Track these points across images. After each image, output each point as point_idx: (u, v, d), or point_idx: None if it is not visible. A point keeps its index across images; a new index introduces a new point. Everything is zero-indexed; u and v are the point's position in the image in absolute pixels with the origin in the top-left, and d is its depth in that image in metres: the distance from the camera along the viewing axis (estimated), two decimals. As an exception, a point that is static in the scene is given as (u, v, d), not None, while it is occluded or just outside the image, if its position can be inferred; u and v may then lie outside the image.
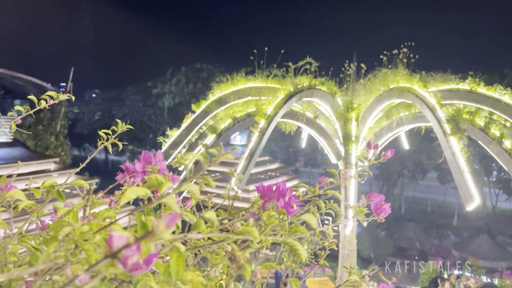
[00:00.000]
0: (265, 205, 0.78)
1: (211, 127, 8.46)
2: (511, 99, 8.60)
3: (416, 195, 33.08)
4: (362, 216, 0.83)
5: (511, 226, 28.81)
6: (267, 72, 9.40)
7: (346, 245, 10.68)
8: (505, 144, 8.05)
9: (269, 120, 7.51)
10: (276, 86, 8.98)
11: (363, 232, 22.90)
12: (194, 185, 0.56)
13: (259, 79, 9.46)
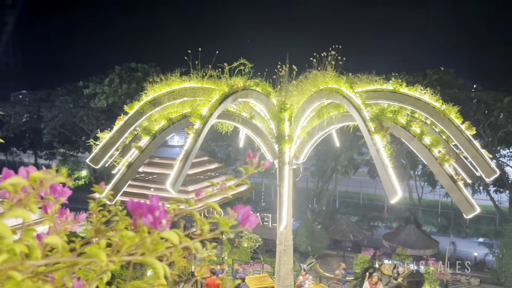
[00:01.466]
0: (136, 221, 0.77)
1: (145, 129, 8.31)
2: (430, 98, 9.33)
3: (349, 189, 34.67)
4: (227, 227, 0.88)
5: (435, 216, 31.20)
6: (202, 72, 9.41)
7: (283, 241, 10.95)
8: (425, 140, 8.72)
9: (204, 121, 7.53)
10: (211, 86, 9.01)
11: (301, 227, 23.62)
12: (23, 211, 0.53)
13: (194, 79, 9.43)
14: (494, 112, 22.52)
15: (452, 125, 8.93)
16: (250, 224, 0.90)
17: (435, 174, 8.28)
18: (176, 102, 8.92)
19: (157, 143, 8.25)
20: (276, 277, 11.14)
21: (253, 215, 0.91)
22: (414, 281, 15.59)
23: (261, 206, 31.39)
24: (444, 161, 8.09)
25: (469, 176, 9.77)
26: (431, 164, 8.25)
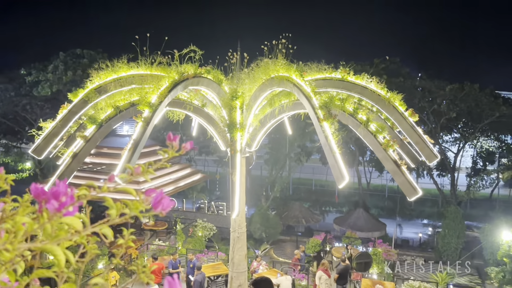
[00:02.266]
0: (41, 207, 0.74)
1: (91, 118, 8.01)
2: (376, 86, 9.67)
3: (302, 176, 35.41)
4: (136, 212, 0.87)
5: (382, 200, 32.59)
6: (151, 59, 9.16)
7: (237, 228, 11.03)
8: (370, 127, 9.05)
9: (153, 109, 7.37)
10: (160, 74, 8.81)
11: (255, 214, 23.87)
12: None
13: (143, 66, 9.18)
14: (437, 99, 23.69)
15: (396, 112, 9.32)
16: (163, 208, 0.89)
17: (380, 159, 8.62)
18: (124, 90, 8.66)
19: (103, 132, 7.98)
20: (230, 264, 11.23)
21: (167, 198, 0.89)
22: (363, 262, 16.27)
23: (216, 195, 31.38)
24: (388, 147, 8.43)
25: (413, 160, 10.25)
26: (377, 149, 8.58)
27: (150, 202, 0.86)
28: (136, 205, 0.83)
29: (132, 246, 0.79)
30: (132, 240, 0.88)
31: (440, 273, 16.81)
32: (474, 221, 27.09)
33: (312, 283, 15.08)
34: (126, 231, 0.83)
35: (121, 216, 0.81)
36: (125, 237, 0.83)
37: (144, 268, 0.82)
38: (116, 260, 0.81)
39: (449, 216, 22.64)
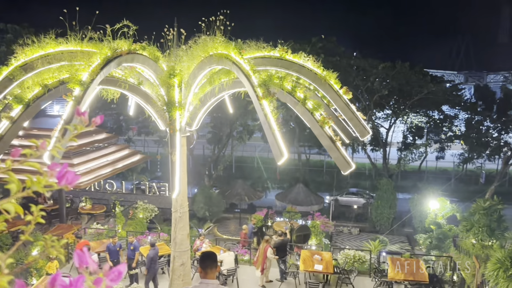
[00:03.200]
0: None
1: (17, 97, 7.48)
2: (313, 65, 9.88)
3: (244, 154, 35.74)
4: (39, 186, 0.85)
5: (321, 175, 33.85)
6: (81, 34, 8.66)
7: (179, 208, 10.97)
8: (308, 104, 9.27)
9: (85, 87, 7.01)
10: (91, 50, 8.36)
11: (198, 193, 23.86)
12: None
13: (72, 42, 8.66)
14: (371, 78, 24.77)
15: (332, 90, 9.63)
16: (68, 182, 0.87)
17: (316, 135, 8.90)
18: (52, 67, 8.13)
19: (31, 112, 7.50)
20: (172, 243, 11.18)
21: (72, 172, 0.87)
22: (302, 235, 16.93)
23: (157, 175, 30.84)
24: (324, 124, 8.72)
25: (347, 136, 10.69)
26: (313, 126, 8.85)
27: (55, 176, 0.84)
28: (40, 180, 0.81)
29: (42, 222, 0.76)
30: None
31: (373, 242, 17.92)
32: (405, 192, 29.03)
33: (253, 257, 15.47)
34: (35, 207, 0.81)
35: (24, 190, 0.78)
36: (34, 214, 0.80)
37: (53, 243, 0.81)
38: (25, 236, 0.79)
39: (381, 188, 24.07)
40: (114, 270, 0.77)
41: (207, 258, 4.47)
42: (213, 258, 4.51)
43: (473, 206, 14.67)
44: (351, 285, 13.32)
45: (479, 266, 12.75)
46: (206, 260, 4.45)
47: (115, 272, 0.77)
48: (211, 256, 4.53)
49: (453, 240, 16.13)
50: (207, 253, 4.57)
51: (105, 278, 0.73)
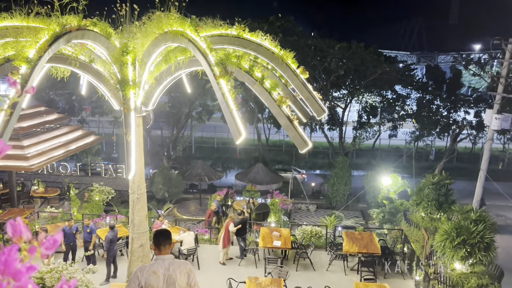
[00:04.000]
0: None
1: (-45, 75, 6.99)
2: (270, 44, 9.88)
3: (204, 135, 35.53)
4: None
5: (280, 154, 34.29)
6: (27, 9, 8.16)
7: (136, 190, 10.81)
8: (265, 84, 9.29)
9: (32, 65, 6.66)
10: (39, 26, 7.92)
11: (157, 174, 23.55)
12: None
13: (18, 17, 8.16)
14: (327, 58, 25.11)
15: (289, 69, 9.71)
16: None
17: (274, 115, 8.98)
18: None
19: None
20: (130, 225, 11.05)
21: (1, 141, 0.85)
22: (261, 213, 17.22)
23: (113, 157, 30.07)
24: (282, 103, 8.80)
25: (304, 116, 10.84)
26: (271, 105, 8.90)
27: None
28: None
29: None
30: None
31: (329, 217, 18.52)
32: (359, 170, 30.04)
33: (214, 236, 15.59)
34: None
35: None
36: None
37: None
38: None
39: (338, 166, 24.77)
40: (49, 238, 0.75)
41: (160, 236, 4.54)
42: (166, 235, 4.57)
43: (423, 182, 15.45)
44: (308, 259, 13.77)
45: (428, 238, 13.53)
46: (160, 237, 4.52)
47: (50, 240, 0.76)
48: (164, 233, 4.59)
49: (404, 214, 16.95)
50: (160, 231, 4.63)
51: (39, 247, 0.72)
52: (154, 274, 4.35)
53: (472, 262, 11.49)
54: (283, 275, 11.80)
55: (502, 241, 20.82)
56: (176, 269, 4.42)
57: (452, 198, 15.04)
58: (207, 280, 11.59)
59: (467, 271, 11.61)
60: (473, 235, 11.28)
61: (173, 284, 4.37)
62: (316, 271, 13.51)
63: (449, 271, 11.82)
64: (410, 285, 12.91)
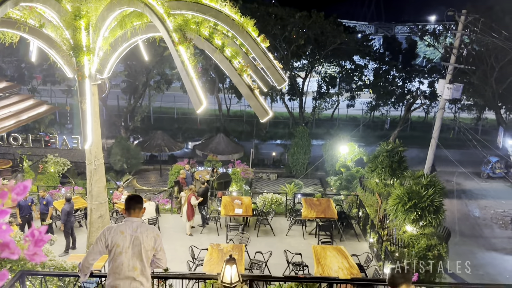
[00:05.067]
0: None
1: None
2: (230, 10, 9.69)
3: (163, 105, 34.80)
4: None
5: (241, 125, 34.31)
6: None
7: (93, 161, 10.57)
8: (226, 52, 9.18)
9: (-25, 28, 6.22)
10: (-20, -15, 7.34)
11: (115, 146, 23.02)
12: None
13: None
14: (288, 27, 25.00)
15: (250, 37, 9.61)
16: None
17: (235, 84, 8.94)
18: None
19: None
20: (89, 196, 10.86)
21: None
22: (223, 182, 17.35)
23: (68, 128, 28.98)
24: (242, 72, 8.76)
25: (265, 85, 10.86)
26: (232, 74, 8.85)
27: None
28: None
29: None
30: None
31: (288, 185, 18.97)
32: (319, 139, 30.68)
33: (175, 206, 15.62)
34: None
35: None
36: None
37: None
38: None
39: (297, 136, 25.20)
40: (19, 184, 0.75)
41: (131, 200, 4.56)
42: (137, 200, 4.58)
43: (378, 149, 16.07)
44: (269, 225, 14.14)
45: (381, 202, 14.22)
46: (130, 202, 4.54)
47: (20, 186, 0.75)
48: (135, 198, 4.62)
49: (359, 180, 17.63)
50: (131, 196, 4.67)
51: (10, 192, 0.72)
52: (121, 234, 4.40)
53: (422, 224, 12.23)
54: (244, 241, 12.09)
55: (451, 205, 22.24)
56: (144, 232, 4.47)
57: (405, 165, 15.75)
58: (170, 248, 11.64)
59: (417, 233, 12.36)
60: (423, 199, 11.96)
61: (139, 245, 4.41)
62: (276, 236, 13.94)
63: (401, 233, 12.55)
64: (364, 247, 13.62)
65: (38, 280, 5.31)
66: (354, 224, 14.94)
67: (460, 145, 27.20)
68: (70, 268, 6.43)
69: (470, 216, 21.58)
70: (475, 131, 28.85)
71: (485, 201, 23.22)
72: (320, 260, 10.54)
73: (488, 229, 20.23)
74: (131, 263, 4.43)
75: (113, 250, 4.42)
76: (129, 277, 4.43)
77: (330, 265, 10.26)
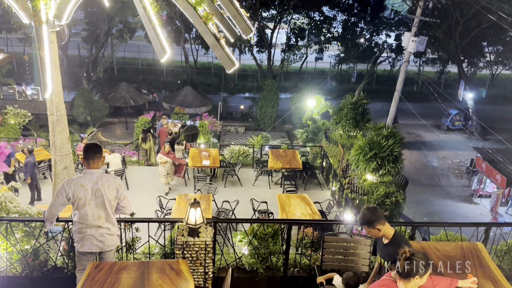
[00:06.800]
0: None
1: None
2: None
3: (127, 55, 33.61)
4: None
5: (209, 77, 33.80)
6: None
7: (55, 111, 10.28)
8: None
9: None
10: None
11: (77, 97, 22.36)
12: None
13: None
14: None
15: (215, -17, 9.31)
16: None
17: (200, 32, 8.74)
18: None
19: None
20: (52, 148, 10.65)
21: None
22: (190, 134, 17.35)
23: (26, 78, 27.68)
24: (208, 20, 8.55)
25: (232, 35, 10.67)
26: (197, 22, 8.62)
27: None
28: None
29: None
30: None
31: (256, 137, 19.20)
32: (287, 92, 30.80)
33: (142, 158, 15.59)
34: None
35: None
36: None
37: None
38: None
39: (266, 89, 25.20)
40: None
41: (89, 149, 4.51)
42: (96, 149, 4.53)
43: (343, 102, 16.37)
44: (236, 176, 14.44)
45: (344, 153, 14.72)
46: (89, 151, 4.50)
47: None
48: (92, 147, 4.55)
49: (324, 132, 18.04)
50: (89, 145, 4.59)
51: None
52: (82, 187, 4.39)
53: (381, 173, 12.81)
54: (212, 191, 12.35)
55: (411, 156, 23.29)
56: (105, 183, 4.48)
57: (368, 117, 16.19)
58: (137, 199, 11.79)
59: (376, 181, 12.98)
60: (383, 149, 12.45)
61: (101, 197, 4.44)
62: (243, 186, 14.29)
63: (361, 182, 13.14)
64: (326, 195, 14.22)
65: (4, 225, 5.33)
66: (318, 174, 15.47)
67: (422, 98, 28.04)
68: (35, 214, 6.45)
69: (428, 166, 22.73)
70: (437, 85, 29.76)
71: (443, 152, 24.43)
72: (285, 208, 10.97)
73: (444, 179, 21.45)
74: (96, 213, 4.49)
75: (76, 202, 4.45)
76: (95, 225, 4.52)
77: (294, 212, 10.71)
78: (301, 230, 7.11)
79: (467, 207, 18.69)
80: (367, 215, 3.83)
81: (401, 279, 3.18)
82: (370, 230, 3.85)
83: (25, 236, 5.73)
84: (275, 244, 6.09)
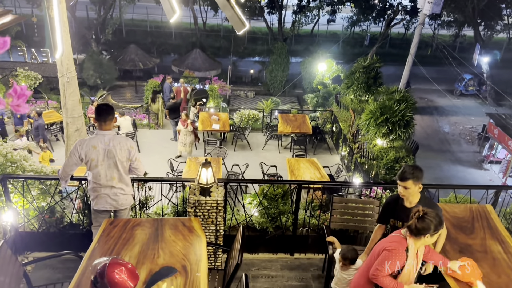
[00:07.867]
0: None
1: None
2: None
3: (135, 17, 33.11)
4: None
5: (218, 40, 33.27)
6: None
7: (65, 73, 10.29)
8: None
9: None
10: None
11: (86, 60, 22.28)
12: None
13: None
14: None
15: None
16: None
17: (210, -9, 8.55)
18: None
19: None
20: (64, 110, 10.74)
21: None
22: (200, 97, 17.31)
23: (35, 41, 27.53)
24: (218, -22, 8.34)
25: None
26: (206, -19, 8.43)
27: None
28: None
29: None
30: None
31: (266, 101, 19.09)
32: (297, 56, 30.29)
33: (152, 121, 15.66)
34: None
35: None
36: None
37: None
38: None
39: (276, 52, 24.78)
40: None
41: (101, 110, 4.47)
42: (108, 111, 4.50)
43: (354, 65, 16.08)
44: (246, 140, 14.50)
45: (354, 117, 14.61)
46: (100, 112, 4.47)
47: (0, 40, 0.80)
48: (105, 108, 4.51)
49: (335, 97, 17.85)
50: (101, 105, 4.53)
51: None
52: (93, 149, 4.41)
53: (392, 138, 12.73)
54: (222, 155, 12.45)
55: (423, 121, 23.05)
56: (117, 145, 4.48)
57: (380, 81, 15.93)
58: (148, 162, 11.95)
59: (387, 146, 12.93)
60: (395, 113, 12.32)
61: (113, 158, 4.47)
62: (253, 150, 14.37)
63: (371, 147, 13.11)
64: (336, 159, 14.26)
65: (20, 183, 5.46)
66: (327, 139, 15.45)
67: (436, 62, 27.41)
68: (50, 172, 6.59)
69: (440, 132, 22.53)
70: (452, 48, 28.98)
71: (455, 118, 24.12)
72: (294, 171, 11.06)
73: (455, 144, 21.30)
74: (108, 174, 4.54)
75: (89, 163, 4.48)
76: (108, 186, 4.59)
77: (303, 175, 10.80)
78: (310, 193, 7.19)
79: (477, 173, 18.64)
80: (416, 171, 3.78)
81: (412, 236, 3.22)
82: (410, 186, 3.76)
83: (41, 193, 5.89)
84: (284, 205, 6.19)
